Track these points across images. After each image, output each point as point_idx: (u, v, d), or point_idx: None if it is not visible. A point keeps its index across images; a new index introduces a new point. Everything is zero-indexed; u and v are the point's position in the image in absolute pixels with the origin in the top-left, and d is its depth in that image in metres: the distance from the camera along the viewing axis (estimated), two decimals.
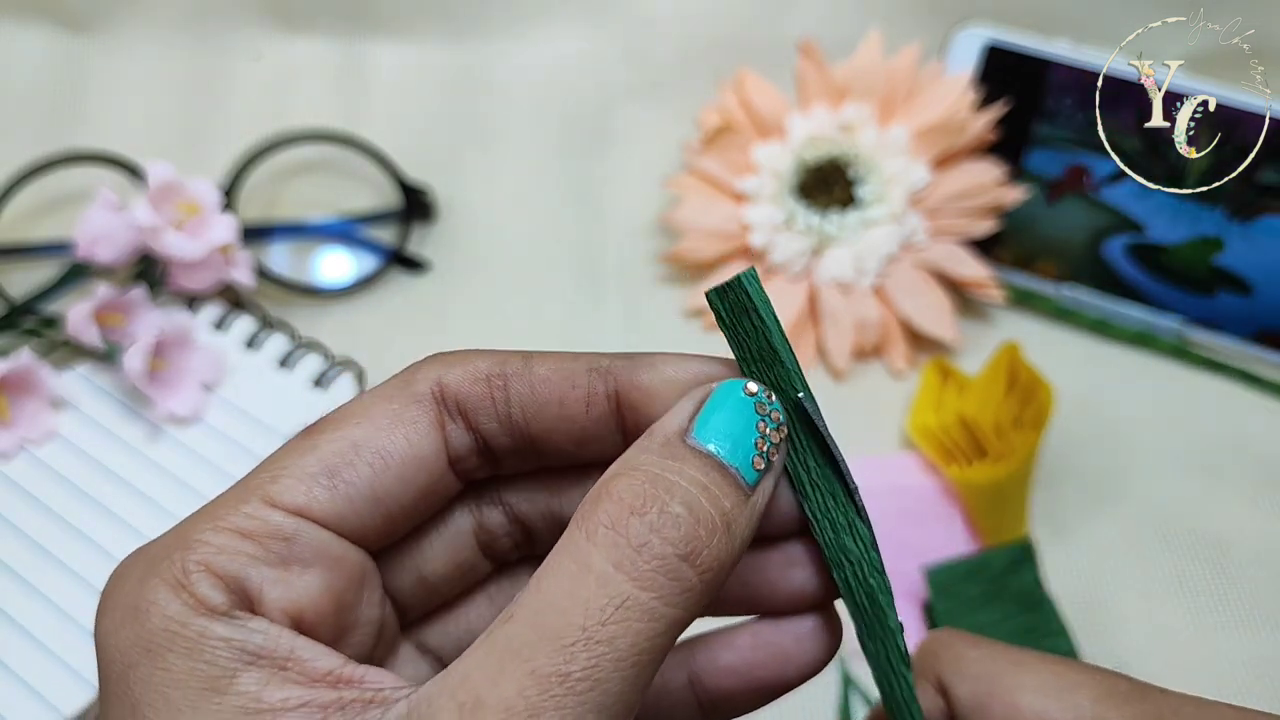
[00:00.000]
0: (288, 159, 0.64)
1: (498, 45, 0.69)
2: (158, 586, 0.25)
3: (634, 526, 0.24)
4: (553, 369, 0.28)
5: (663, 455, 0.26)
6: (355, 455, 0.27)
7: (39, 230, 0.61)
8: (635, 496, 0.25)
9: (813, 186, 0.61)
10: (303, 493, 0.27)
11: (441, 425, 0.28)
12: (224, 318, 0.57)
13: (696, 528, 0.25)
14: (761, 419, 0.27)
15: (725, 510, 0.25)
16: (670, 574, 0.24)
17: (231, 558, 0.26)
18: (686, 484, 0.25)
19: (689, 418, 0.27)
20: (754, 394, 0.27)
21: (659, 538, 0.24)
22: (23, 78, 0.68)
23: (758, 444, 0.27)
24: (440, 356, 0.29)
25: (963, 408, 0.56)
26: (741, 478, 0.26)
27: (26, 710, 0.46)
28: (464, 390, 0.28)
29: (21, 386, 0.53)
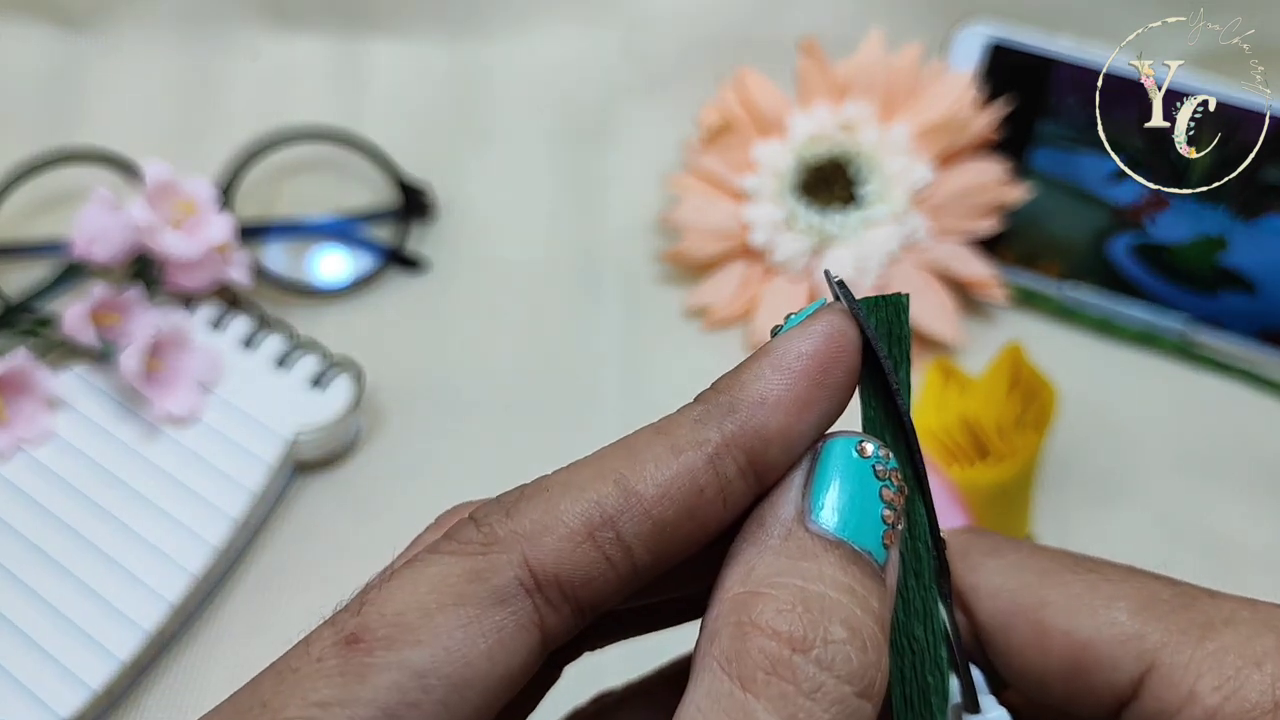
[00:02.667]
0: (285, 157, 0.63)
1: (497, 44, 0.69)
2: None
3: (802, 669, 0.20)
4: (663, 482, 0.22)
5: (791, 556, 0.21)
6: (422, 692, 0.20)
7: (35, 229, 0.61)
8: (792, 627, 0.20)
9: (814, 185, 0.61)
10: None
11: (539, 623, 0.22)
12: (221, 317, 0.57)
13: (866, 652, 0.20)
14: (883, 484, 0.22)
15: (876, 613, 0.21)
16: (852, 714, 0.20)
17: None
18: (836, 594, 0.20)
19: (801, 494, 0.22)
20: (870, 454, 0.22)
21: (833, 677, 0.20)
22: (19, 76, 0.68)
23: (885, 516, 0.22)
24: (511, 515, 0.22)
25: (965, 408, 0.55)
26: (874, 560, 0.21)
27: (23, 712, 0.46)
28: (565, 564, 0.21)
29: (17, 386, 0.53)
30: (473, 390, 0.58)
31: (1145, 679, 0.25)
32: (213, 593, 0.50)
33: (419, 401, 0.57)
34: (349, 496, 0.54)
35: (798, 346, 0.22)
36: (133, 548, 0.50)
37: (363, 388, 0.55)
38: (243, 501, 0.51)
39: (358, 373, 0.56)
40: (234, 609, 0.50)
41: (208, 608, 0.50)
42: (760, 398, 0.22)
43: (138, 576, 0.49)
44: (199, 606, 0.50)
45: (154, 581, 0.49)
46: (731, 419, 0.22)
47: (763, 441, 0.22)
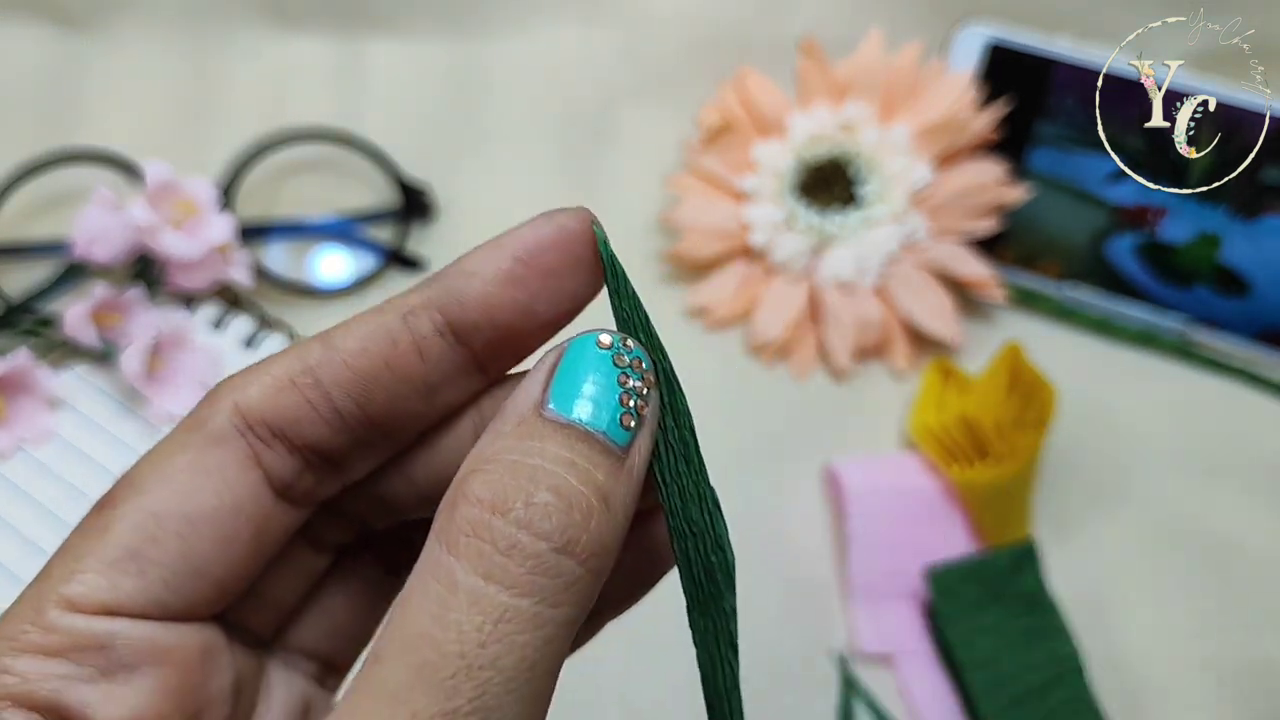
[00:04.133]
0: (286, 158, 0.63)
1: (497, 44, 0.69)
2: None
3: (498, 528, 0.21)
4: (361, 336, 0.25)
5: (519, 438, 0.22)
6: (158, 528, 0.23)
7: (36, 229, 0.61)
8: (494, 493, 0.21)
9: (814, 185, 0.61)
10: (106, 588, 0.23)
11: (256, 459, 0.24)
12: (222, 317, 0.57)
13: (570, 513, 0.21)
14: (623, 371, 0.23)
15: (599, 484, 0.22)
16: (549, 572, 0.21)
17: (40, 683, 0.22)
18: (551, 464, 0.22)
19: (542, 387, 0.23)
20: (609, 345, 0.24)
21: (529, 534, 0.21)
22: (19, 76, 0.68)
23: (623, 399, 0.23)
24: (230, 380, 0.25)
25: (965, 408, 0.55)
26: (611, 441, 0.23)
27: None
28: (269, 407, 0.24)
29: (18, 386, 0.53)
30: None
31: None
32: None
33: None
34: None
35: (515, 232, 0.25)
36: None
37: None
38: None
39: None
40: None
41: None
42: (465, 269, 0.25)
43: None
44: None
45: None
46: (432, 285, 0.25)
47: (459, 304, 0.25)
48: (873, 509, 0.54)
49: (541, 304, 0.25)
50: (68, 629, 0.23)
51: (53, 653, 0.22)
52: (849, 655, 0.51)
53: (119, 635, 0.23)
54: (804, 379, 0.59)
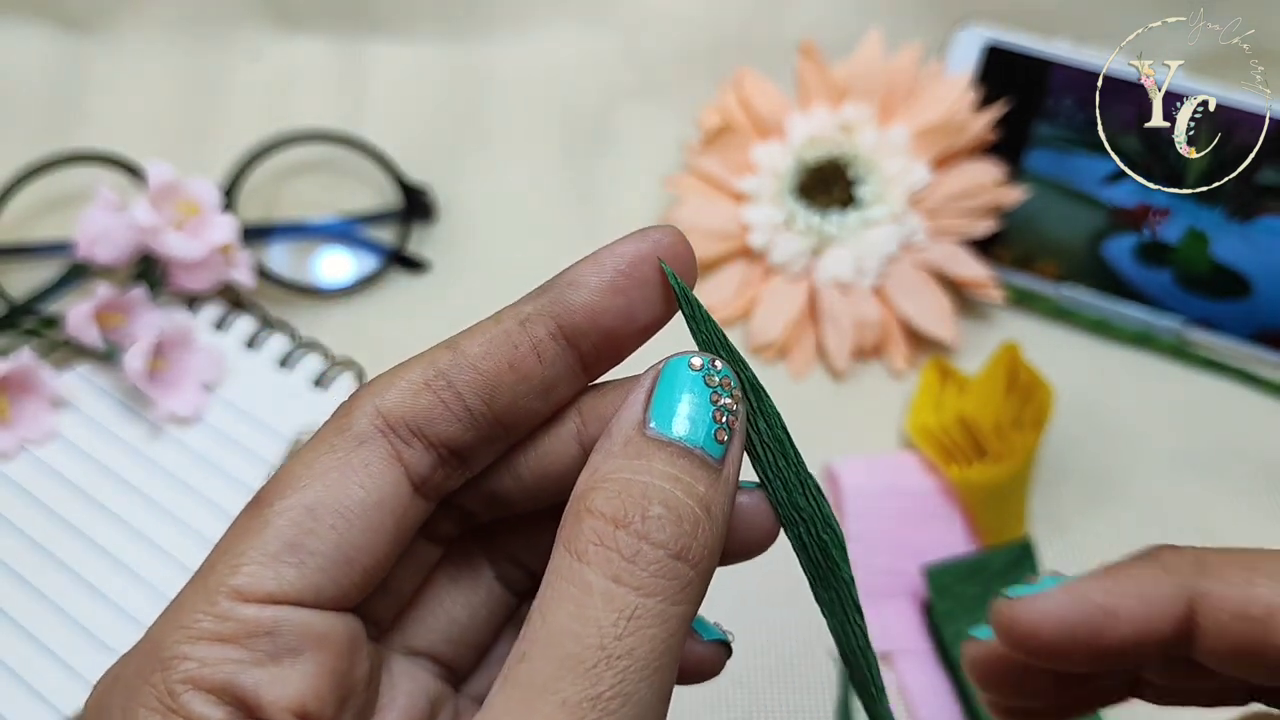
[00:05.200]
0: (288, 159, 0.64)
1: (498, 45, 0.69)
2: (146, 717, 0.24)
3: (622, 539, 0.24)
4: (485, 342, 0.27)
5: (627, 456, 0.26)
6: (314, 521, 0.26)
7: (39, 230, 0.61)
8: (614, 508, 0.25)
9: (813, 186, 0.61)
10: (270, 578, 0.25)
11: (397, 456, 0.27)
12: (224, 318, 0.57)
13: (680, 523, 0.25)
14: (714, 390, 0.27)
15: (701, 495, 0.25)
16: (668, 574, 0.24)
17: (217, 667, 0.24)
18: (659, 482, 0.25)
19: (643, 407, 0.26)
20: (700, 367, 0.27)
21: (649, 544, 0.24)
22: (22, 77, 0.68)
23: (715, 416, 0.26)
24: (368, 386, 0.28)
25: (962, 408, 0.56)
26: (709, 455, 0.26)
27: (26, 710, 0.46)
28: (409, 409, 0.27)
29: (22, 386, 0.53)
30: None
31: None
32: None
33: None
34: None
35: (611, 248, 0.28)
36: (136, 546, 0.50)
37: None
38: (245, 500, 0.51)
39: (359, 373, 0.56)
40: None
41: None
42: (573, 280, 0.28)
43: (141, 574, 0.49)
44: None
45: (157, 579, 0.49)
46: (543, 295, 0.28)
47: (569, 311, 0.27)
48: (871, 508, 0.54)
49: (640, 309, 0.28)
50: (239, 617, 0.25)
51: (225, 639, 0.24)
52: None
53: (283, 621, 0.25)
54: (803, 379, 0.59)
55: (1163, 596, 0.27)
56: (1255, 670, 0.27)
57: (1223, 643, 0.27)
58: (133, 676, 0.24)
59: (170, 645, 0.24)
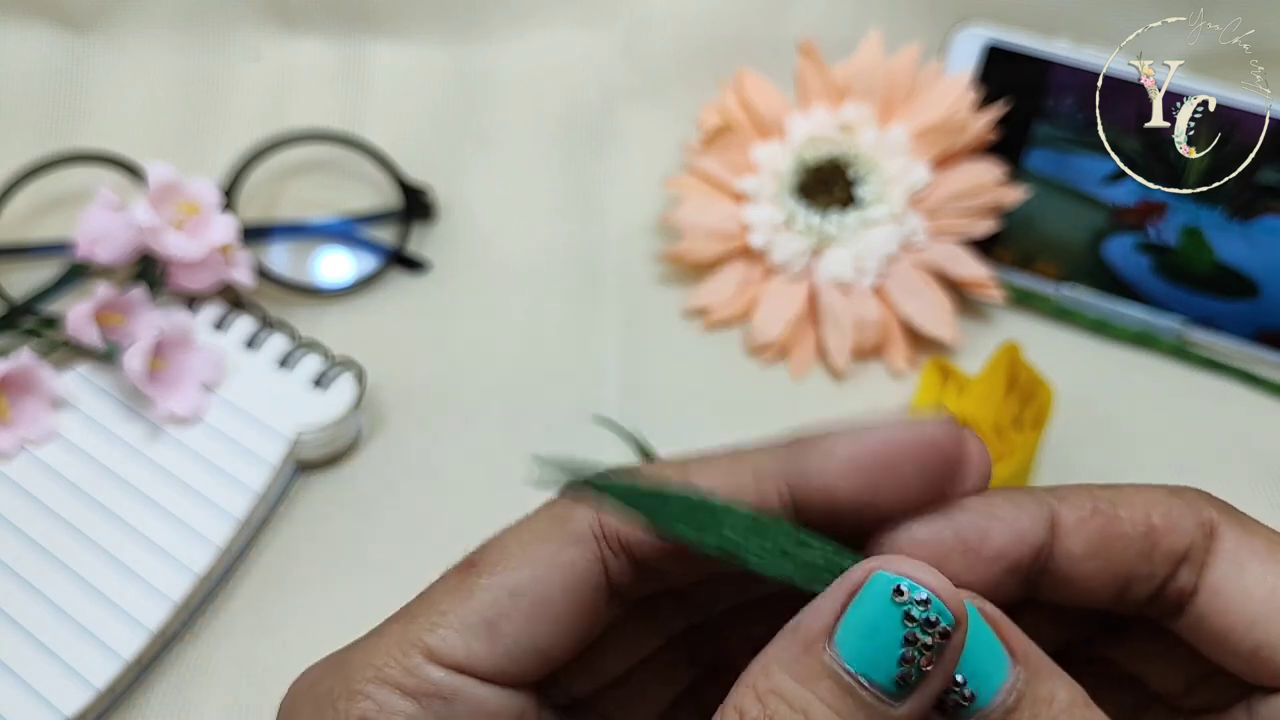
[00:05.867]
0: (288, 159, 0.64)
1: (498, 45, 0.69)
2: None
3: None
4: (718, 485, 0.27)
5: (796, 675, 0.24)
6: (513, 606, 0.27)
7: (39, 230, 0.62)
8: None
9: (813, 186, 0.61)
10: (462, 647, 0.26)
11: (603, 562, 0.27)
12: (224, 318, 0.57)
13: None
14: (911, 629, 0.24)
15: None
16: None
17: (391, 716, 0.26)
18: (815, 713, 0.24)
19: (833, 618, 0.24)
20: (904, 600, 0.24)
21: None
22: (22, 77, 0.68)
23: (904, 659, 0.24)
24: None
25: (962, 408, 0.56)
26: (882, 695, 0.24)
27: (26, 710, 0.46)
28: (624, 527, 0.27)
29: (21, 386, 0.53)
30: (473, 390, 0.58)
31: None
32: (215, 591, 0.51)
33: (420, 401, 0.57)
34: (350, 496, 0.54)
35: (876, 431, 0.26)
36: (136, 546, 0.50)
37: (364, 388, 0.55)
38: (245, 501, 0.51)
39: (359, 373, 0.56)
40: (236, 607, 0.50)
41: (210, 606, 0.50)
42: (826, 451, 0.26)
43: (141, 575, 0.49)
44: (201, 604, 0.50)
45: (157, 580, 0.49)
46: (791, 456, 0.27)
47: (806, 484, 0.26)
48: None
49: (883, 502, 0.27)
50: (425, 676, 0.26)
51: (408, 693, 0.26)
52: None
53: (461, 692, 0.26)
54: (803, 379, 0.59)
55: (1027, 508, 0.27)
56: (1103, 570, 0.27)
57: (1079, 541, 0.27)
58: (323, 693, 0.26)
59: (360, 679, 0.26)
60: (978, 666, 0.25)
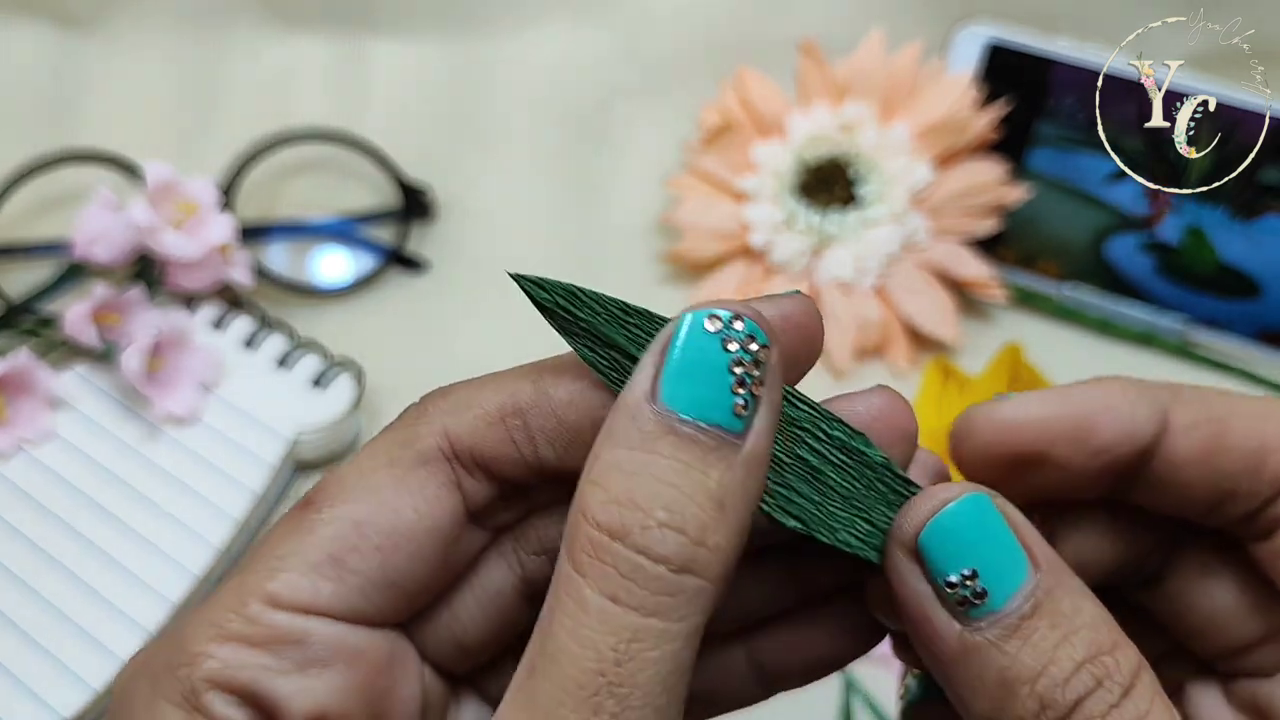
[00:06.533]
0: (286, 158, 0.63)
1: (497, 44, 0.69)
2: (168, 711, 0.23)
3: (620, 554, 0.22)
4: (573, 391, 0.25)
5: (630, 445, 0.22)
6: (360, 538, 0.25)
7: (36, 230, 0.61)
8: (610, 518, 0.22)
9: (813, 186, 0.61)
10: (308, 588, 0.24)
11: (457, 485, 0.26)
12: (222, 317, 0.57)
13: (685, 531, 0.22)
14: (734, 355, 0.23)
15: (713, 489, 0.22)
16: (672, 590, 0.22)
17: (240, 670, 0.24)
18: (663, 477, 0.22)
19: (651, 379, 0.23)
20: (719, 328, 0.23)
21: (649, 559, 0.22)
22: (20, 76, 0.68)
23: (734, 387, 0.23)
24: (440, 397, 0.26)
25: (964, 408, 0.55)
26: (725, 433, 0.23)
27: (25, 711, 0.46)
28: (478, 440, 0.25)
29: (19, 386, 0.53)
30: None
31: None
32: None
33: None
34: None
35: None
36: (134, 547, 0.50)
37: (363, 388, 0.55)
38: (244, 501, 0.51)
39: (358, 373, 0.56)
40: None
41: None
42: None
43: (139, 576, 0.49)
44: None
45: (155, 581, 0.49)
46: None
47: None
48: None
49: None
50: (269, 623, 0.24)
51: (254, 643, 0.24)
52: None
53: (314, 632, 0.24)
54: (803, 379, 0.59)
55: (1141, 402, 0.26)
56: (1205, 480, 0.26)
57: (1187, 445, 0.26)
58: (159, 667, 0.24)
59: (198, 641, 0.24)
60: (992, 565, 0.24)
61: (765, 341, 0.23)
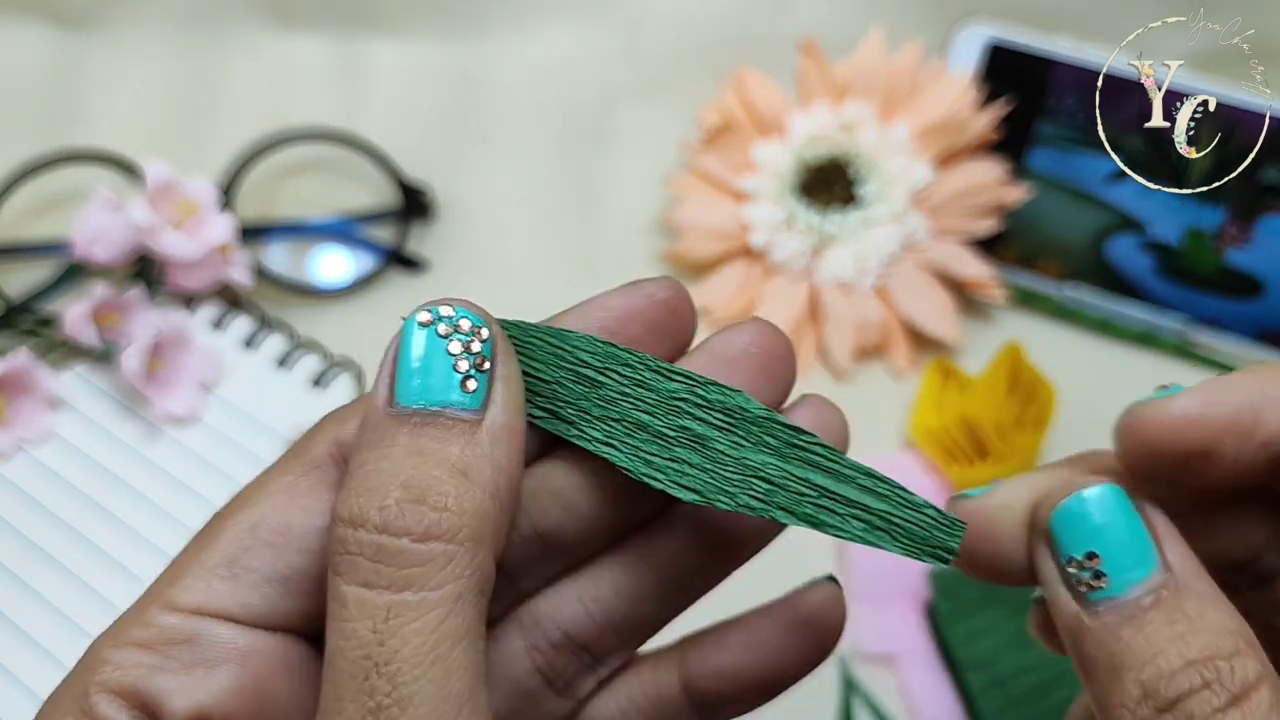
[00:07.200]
0: (286, 158, 0.63)
1: (497, 44, 0.69)
2: (63, 716, 0.24)
3: (363, 540, 0.23)
4: None
5: (371, 445, 0.24)
6: (253, 539, 0.25)
7: (36, 229, 0.61)
8: (350, 508, 0.23)
9: (813, 186, 0.61)
10: (202, 589, 0.25)
11: None
12: (222, 317, 0.57)
13: (422, 500, 0.23)
14: (448, 339, 0.24)
15: (454, 459, 0.23)
16: (418, 560, 0.22)
17: (129, 671, 0.24)
18: (400, 460, 0.23)
19: (387, 385, 0.24)
20: (430, 320, 0.24)
21: (389, 535, 0.22)
22: (19, 76, 0.68)
23: (457, 365, 0.24)
24: (334, 413, 0.27)
25: (965, 408, 0.55)
26: (460, 411, 0.24)
27: (23, 711, 0.46)
28: None
29: (19, 386, 0.53)
30: None
31: None
32: None
33: None
34: None
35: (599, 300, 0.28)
36: (134, 547, 0.50)
37: (363, 387, 0.55)
38: None
39: (358, 373, 0.56)
40: None
41: None
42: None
43: (139, 576, 0.49)
44: None
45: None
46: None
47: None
48: None
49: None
50: (160, 624, 0.25)
51: (145, 645, 0.25)
52: (849, 655, 0.51)
53: (204, 633, 0.25)
54: (804, 379, 0.59)
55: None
56: None
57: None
58: (66, 683, 0.25)
59: (103, 650, 0.25)
60: (1117, 553, 0.24)
61: (478, 321, 0.25)
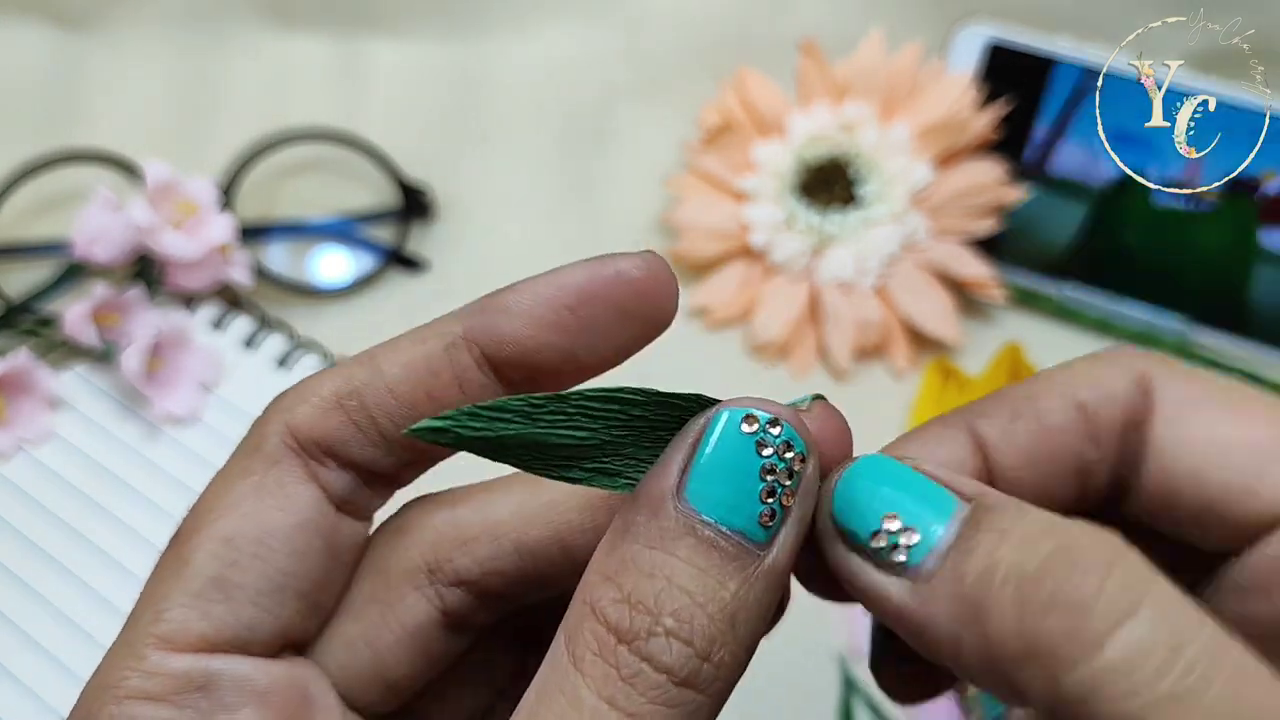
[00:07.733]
0: (286, 158, 0.63)
1: (497, 44, 0.69)
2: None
3: (623, 656, 0.21)
4: (404, 363, 0.25)
5: (649, 541, 0.22)
6: (235, 553, 0.24)
7: (36, 229, 0.61)
8: (619, 618, 0.21)
9: (814, 186, 0.61)
10: (197, 618, 0.23)
11: (313, 476, 0.25)
12: (222, 317, 0.57)
13: (692, 644, 0.21)
14: (766, 461, 0.22)
15: (726, 602, 0.21)
16: (670, 702, 0.21)
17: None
18: (678, 582, 0.21)
19: (679, 471, 0.22)
20: (755, 429, 0.22)
21: (652, 667, 0.21)
22: (19, 76, 0.68)
23: (764, 494, 0.22)
24: (280, 399, 0.25)
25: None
26: (747, 542, 0.22)
27: (24, 712, 0.46)
28: (318, 427, 0.25)
29: (19, 386, 0.53)
30: None
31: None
32: None
33: None
34: None
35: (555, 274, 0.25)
36: (134, 548, 0.50)
37: None
38: None
39: None
40: None
41: None
42: (504, 305, 0.24)
43: (139, 576, 0.49)
44: None
45: None
46: (475, 315, 0.25)
47: (496, 341, 0.24)
48: None
49: (583, 351, 0.25)
50: (169, 671, 0.23)
51: (155, 697, 0.23)
52: (849, 655, 0.51)
53: (218, 675, 0.23)
54: (804, 379, 0.59)
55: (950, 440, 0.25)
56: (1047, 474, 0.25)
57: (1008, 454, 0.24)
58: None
59: (99, 710, 0.22)
60: (915, 504, 0.22)
61: (803, 451, 0.22)
